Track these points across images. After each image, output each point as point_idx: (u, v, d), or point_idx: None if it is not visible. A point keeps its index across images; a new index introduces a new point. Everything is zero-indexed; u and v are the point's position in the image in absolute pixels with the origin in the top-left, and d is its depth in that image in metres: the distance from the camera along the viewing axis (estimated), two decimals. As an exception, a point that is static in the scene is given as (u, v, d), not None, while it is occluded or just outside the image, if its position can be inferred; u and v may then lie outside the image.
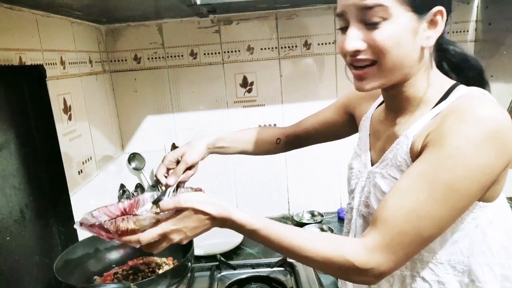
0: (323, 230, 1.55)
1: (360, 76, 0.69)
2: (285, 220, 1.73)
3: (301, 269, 1.26)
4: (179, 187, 0.91)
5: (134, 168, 1.69)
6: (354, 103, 0.95)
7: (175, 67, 1.64)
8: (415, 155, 0.66)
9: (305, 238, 0.66)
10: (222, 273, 1.28)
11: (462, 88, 0.69)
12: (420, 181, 0.61)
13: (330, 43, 1.62)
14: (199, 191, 0.80)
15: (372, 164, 0.80)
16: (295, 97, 1.67)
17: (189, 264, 1.00)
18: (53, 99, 1.10)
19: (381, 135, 0.80)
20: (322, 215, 1.69)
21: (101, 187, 1.42)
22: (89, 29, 1.47)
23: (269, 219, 0.69)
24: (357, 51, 0.66)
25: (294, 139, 1.07)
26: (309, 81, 1.66)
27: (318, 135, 1.04)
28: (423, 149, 0.64)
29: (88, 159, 1.35)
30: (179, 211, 0.69)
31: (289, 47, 1.63)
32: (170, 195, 0.84)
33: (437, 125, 0.63)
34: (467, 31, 1.63)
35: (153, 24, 1.60)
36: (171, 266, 1.09)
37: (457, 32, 1.63)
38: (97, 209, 0.80)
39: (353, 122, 0.95)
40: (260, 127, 1.12)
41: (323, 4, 1.56)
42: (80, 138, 1.29)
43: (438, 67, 0.74)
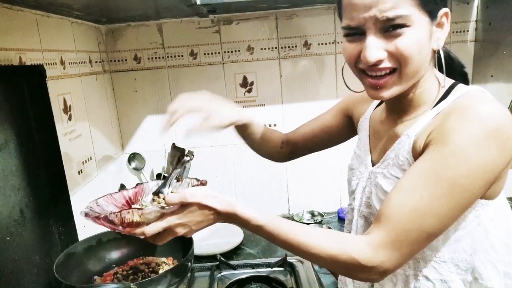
0: (323, 230, 1.55)
1: (379, 85, 0.67)
2: (285, 220, 1.73)
3: (301, 269, 1.26)
4: (178, 179, 0.90)
5: (134, 168, 1.69)
6: (351, 105, 0.95)
7: (175, 67, 1.64)
8: (417, 154, 0.66)
9: (310, 235, 0.66)
10: (222, 273, 1.28)
11: (461, 87, 0.69)
12: (423, 179, 0.62)
13: (330, 43, 1.62)
14: (204, 184, 0.80)
15: (373, 164, 0.80)
16: (295, 97, 1.67)
17: (189, 264, 1.00)
18: (53, 99, 1.10)
19: (381, 135, 0.80)
20: (322, 215, 1.69)
21: (101, 187, 1.42)
22: (89, 29, 1.47)
23: (274, 215, 0.69)
24: (380, 61, 0.65)
25: (294, 146, 1.05)
26: (309, 81, 1.66)
27: (317, 140, 1.02)
28: (425, 147, 0.65)
29: (88, 159, 1.35)
30: (185, 206, 0.69)
31: (289, 47, 1.63)
32: (171, 186, 0.84)
33: (439, 124, 0.64)
34: (467, 31, 1.62)
35: (153, 24, 1.60)
36: (171, 266, 1.09)
37: (457, 32, 1.63)
38: (102, 197, 0.81)
39: (352, 125, 0.95)
40: (270, 128, 1.08)
41: (323, 4, 1.56)
42: (80, 138, 1.29)
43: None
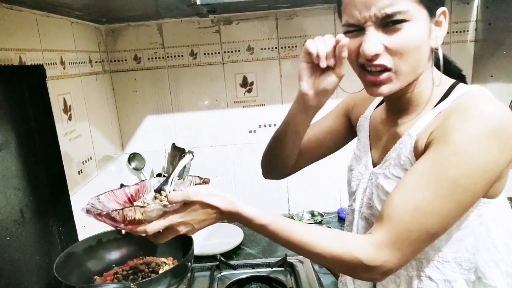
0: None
1: (376, 81, 0.67)
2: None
3: (301, 269, 1.26)
4: (182, 174, 0.90)
5: (134, 168, 1.69)
6: (351, 106, 0.94)
7: (175, 67, 1.64)
8: (419, 153, 0.66)
9: (312, 234, 0.66)
10: (222, 273, 1.28)
11: (462, 86, 0.69)
12: (425, 178, 0.62)
13: (330, 43, 1.62)
14: (207, 182, 0.80)
15: (373, 165, 0.80)
16: (295, 97, 1.67)
17: (189, 264, 1.00)
18: (53, 99, 1.10)
19: (382, 135, 0.80)
20: (322, 215, 1.69)
21: (101, 187, 1.42)
22: (89, 29, 1.47)
23: (277, 214, 0.69)
24: (377, 55, 0.65)
25: (298, 155, 0.97)
26: (309, 81, 1.66)
27: (322, 147, 0.98)
28: (426, 147, 0.65)
29: (88, 159, 1.35)
30: (187, 204, 0.69)
31: (289, 47, 1.63)
32: (173, 184, 0.84)
33: (440, 123, 0.64)
34: (467, 31, 1.62)
35: (153, 24, 1.60)
36: (171, 266, 1.09)
37: (457, 32, 1.63)
38: (104, 193, 0.81)
39: (352, 126, 0.94)
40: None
41: (323, 4, 1.56)
42: (80, 138, 1.29)
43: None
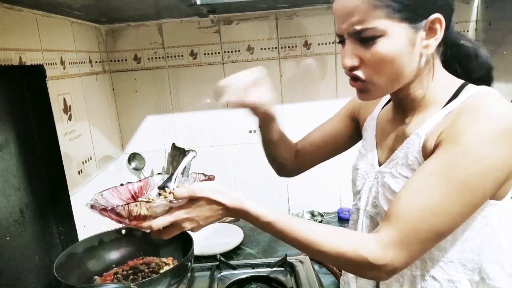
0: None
1: (356, 87, 0.71)
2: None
3: (301, 269, 1.26)
4: (183, 173, 0.89)
5: (134, 168, 1.69)
6: (358, 107, 0.94)
7: (175, 67, 1.64)
8: (428, 153, 0.66)
9: (319, 232, 0.66)
10: (222, 273, 1.28)
11: (471, 87, 0.69)
12: (434, 178, 0.62)
13: (330, 43, 1.62)
14: (212, 179, 0.79)
15: (379, 164, 0.80)
16: (295, 97, 1.67)
17: (189, 264, 1.00)
18: (53, 99, 1.10)
19: (389, 134, 0.80)
20: (322, 215, 1.69)
21: (101, 187, 1.41)
22: (89, 29, 1.47)
23: (283, 212, 0.69)
24: (353, 67, 0.68)
25: (303, 156, 1.01)
26: (309, 81, 1.66)
27: (327, 149, 0.99)
28: (436, 147, 0.65)
29: (88, 159, 1.35)
30: (193, 200, 0.68)
31: (289, 47, 1.63)
32: (176, 181, 0.83)
33: (450, 123, 0.64)
34: (467, 31, 1.63)
35: (153, 24, 1.60)
36: (171, 266, 1.09)
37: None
38: (107, 189, 0.80)
39: (359, 127, 0.94)
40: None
41: (323, 4, 1.56)
42: (80, 138, 1.29)
43: (446, 65, 0.74)
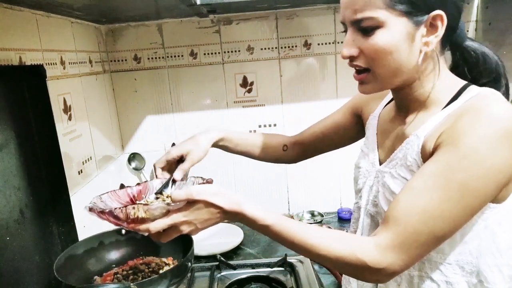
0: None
1: (359, 79, 0.72)
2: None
3: (301, 269, 1.26)
4: (174, 182, 0.90)
5: (134, 168, 1.69)
6: (361, 104, 0.94)
7: (175, 67, 1.64)
8: (427, 155, 0.66)
9: (317, 236, 0.66)
10: (222, 273, 1.28)
11: (473, 88, 0.68)
12: (434, 181, 0.61)
13: (330, 43, 1.62)
14: (210, 182, 0.79)
15: (380, 163, 0.80)
16: (295, 97, 1.67)
17: (189, 264, 1.00)
18: (53, 99, 1.10)
19: (389, 133, 0.80)
20: (322, 215, 1.69)
21: (101, 187, 1.42)
22: (89, 29, 1.47)
23: (281, 215, 0.69)
24: (352, 57, 0.69)
25: (301, 147, 1.06)
26: (309, 81, 1.66)
27: (326, 141, 1.02)
28: (435, 149, 0.64)
29: (88, 159, 1.35)
30: (191, 203, 0.68)
31: (289, 47, 1.63)
32: (174, 185, 0.83)
33: (450, 125, 0.63)
34: (467, 31, 1.62)
35: (153, 24, 1.60)
36: (171, 266, 1.09)
37: (457, 32, 1.63)
38: (106, 193, 0.80)
39: (361, 124, 0.94)
40: (268, 133, 1.11)
41: (323, 4, 1.56)
42: (80, 138, 1.29)
43: (454, 66, 0.74)
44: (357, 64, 0.69)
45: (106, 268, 1.09)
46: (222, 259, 1.31)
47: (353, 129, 0.97)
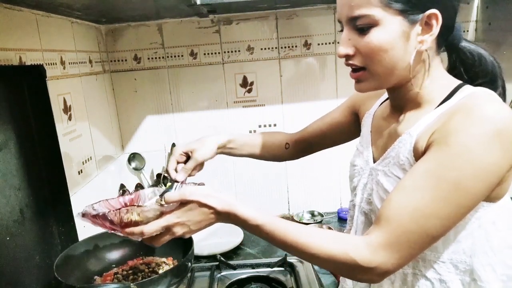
0: (323, 230, 1.55)
1: (355, 78, 0.72)
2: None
3: (301, 269, 1.26)
4: (182, 182, 0.91)
5: (134, 168, 1.69)
6: (359, 102, 0.95)
7: (175, 67, 1.64)
8: (419, 154, 0.66)
9: (309, 235, 0.66)
10: (222, 273, 1.28)
11: (468, 88, 0.69)
12: (425, 180, 0.61)
13: (330, 43, 1.62)
14: (202, 185, 0.80)
15: (374, 161, 0.80)
16: (295, 97, 1.67)
17: (189, 264, 1.00)
18: (53, 99, 1.10)
19: (383, 132, 0.80)
20: (322, 215, 1.69)
21: (101, 187, 1.42)
22: (89, 29, 1.47)
23: (273, 215, 0.69)
24: (348, 56, 0.69)
25: (302, 144, 1.07)
26: (309, 81, 1.66)
27: (325, 138, 1.04)
28: (427, 148, 0.64)
29: (88, 159, 1.35)
30: (184, 204, 0.68)
31: (289, 47, 1.63)
32: (176, 190, 0.84)
33: (443, 124, 0.63)
34: (467, 31, 1.63)
35: (153, 24, 1.60)
36: (171, 266, 1.09)
37: (457, 32, 1.63)
38: (98, 202, 0.80)
39: (359, 122, 0.95)
40: (269, 132, 1.12)
41: (323, 4, 1.56)
42: (80, 138, 1.29)
43: (451, 68, 0.74)
44: (353, 63, 0.70)
45: (106, 268, 1.09)
46: (222, 259, 1.31)
47: (351, 127, 0.98)
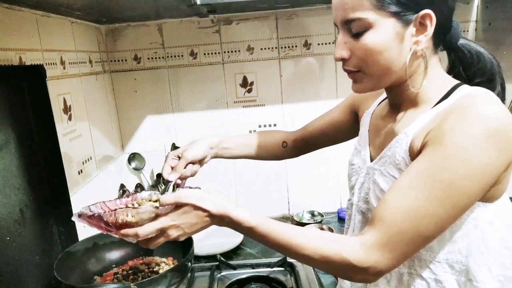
0: (323, 230, 1.55)
1: (352, 78, 0.73)
2: (285, 220, 1.73)
3: (301, 269, 1.26)
4: (178, 186, 0.91)
5: (134, 168, 1.69)
6: (358, 101, 0.95)
7: (175, 67, 1.64)
8: (415, 154, 0.66)
9: (302, 236, 0.66)
10: (222, 273, 1.28)
11: (465, 87, 0.68)
12: (420, 180, 0.61)
13: (330, 43, 1.62)
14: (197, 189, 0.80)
15: (371, 160, 0.80)
16: (295, 97, 1.67)
17: (189, 264, 1.00)
18: (53, 99, 1.10)
19: (380, 131, 0.80)
20: (322, 215, 1.69)
21: (101, 187, 1.42)
22: (89, 29, 1.47)
23: (266, 217, 0.69)
24: (344, 59, 0.70)
25: (301, 142, 1.07)
26: (309, 81, 1.66)
27: (325, 137, 1.04)
28: (422, 147, 0.64)
29: (88, 159, 1.35)
30: (179, 207, 0.69)
31: (289, 47, 1.63)
32: (170, 191, 0.84)
33: (438, 124, 0.63)
34: (467, 31, 1.63)
35: (153, 24, 1.60)
36: (171, 266, 1.09)
37: (457, 32, 1.63)
38: (95, 204, 0.81)
39: (358, 121, 0.95)
40: (266, 131, 1.11)
41: (323, 4, 1.56)
42: (80, 138, 1.29)
43: (451, 67, 0.74)
44: (348, 68, 0.71)
45: (106, 268, 1.09)
46: (222, 259, 1.31)
47: (350, 126, 0.98)
